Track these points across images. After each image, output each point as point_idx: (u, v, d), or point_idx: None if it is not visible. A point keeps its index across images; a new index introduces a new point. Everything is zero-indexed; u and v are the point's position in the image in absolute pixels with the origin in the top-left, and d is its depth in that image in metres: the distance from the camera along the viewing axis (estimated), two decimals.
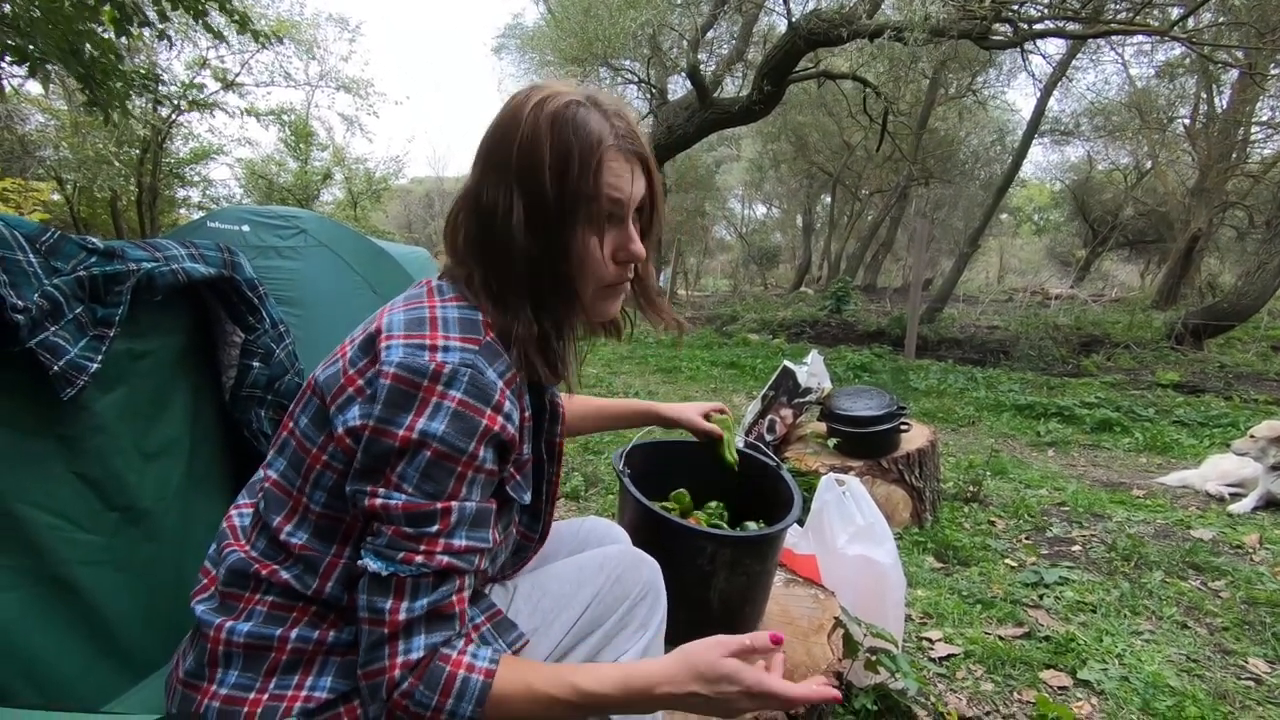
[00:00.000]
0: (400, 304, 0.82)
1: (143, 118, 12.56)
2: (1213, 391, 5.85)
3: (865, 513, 1.72)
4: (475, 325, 0.79)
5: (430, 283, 0.85)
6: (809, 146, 16.54)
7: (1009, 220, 23.49)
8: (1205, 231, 10.32)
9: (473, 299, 0.82)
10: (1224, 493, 3.39)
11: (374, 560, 0.74)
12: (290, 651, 0.80)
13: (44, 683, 1.03)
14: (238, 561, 0.83)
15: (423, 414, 0.72)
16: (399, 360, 0.74)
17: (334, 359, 0.82)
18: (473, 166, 0.85)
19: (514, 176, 0.79)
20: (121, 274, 1.04)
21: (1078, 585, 2.35)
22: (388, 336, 0.76)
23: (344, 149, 20.36)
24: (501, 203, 0.80)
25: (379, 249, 3.46)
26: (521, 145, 0.79)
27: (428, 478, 0.73)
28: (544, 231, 0.81)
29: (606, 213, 0.83)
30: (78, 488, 1.07)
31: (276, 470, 0.85)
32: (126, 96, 4.47)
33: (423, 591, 0.74)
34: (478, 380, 0.75)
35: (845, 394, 2.97)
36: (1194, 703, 1.69)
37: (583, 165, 0.79)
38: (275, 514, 0.83)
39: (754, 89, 8.77)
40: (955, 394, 5.95)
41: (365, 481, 0.75)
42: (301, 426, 0.83)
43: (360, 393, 0.76)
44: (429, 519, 0.74)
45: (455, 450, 0.73)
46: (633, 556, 1.02)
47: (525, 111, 0.80)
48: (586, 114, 0.80)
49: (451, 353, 0.75)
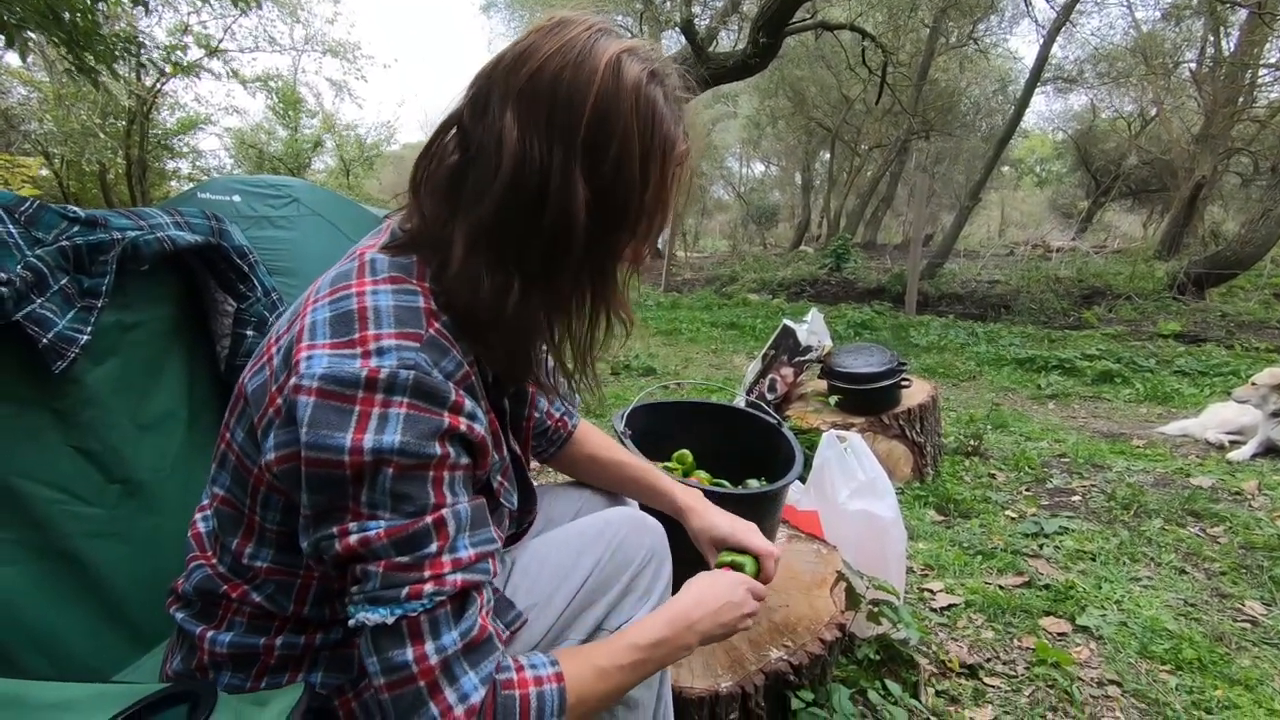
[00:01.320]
0: (326, 292, 0.67)
1: (127, 86, 12.30)
2: (1214, 341, 5.84)
3: (866, 468, 1.73)
4: (415, 315, 0.65)
5: (364, 254, 0.71)
6: (807, 101, 16.21)
7: (1010, 173, 23.15)
8: (1209, 179, 10.17)
9: (418, 267, 0.69)
10: (1224, 440, 3.41)
11: (371, 611, 0.62)
12: (278, 657, 0.76)
13: (54, 654, 1.04)
14: (205, 580, 0.77)
15: (366, 428, 0.60)
16: (322, 372, 0.60)
17: (260, 362, 0.71)
18: (491, 98, 0.67)
19: (581, 147, 0.65)
20: (105, 243, 1.02)
21: (1077, 534, 2.37)
22: (309, 345, 0.63)
23: (334, 115, 20.01)
24: (555, 168, 0.65)
25: (373, 216, 3.42)
26: (599, 116, 0.65)
27: (402, 496, 0.61)
28: (604, 224, 0.68)
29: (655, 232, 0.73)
30: (77, 461, 1.07)
31: (222, 486, 0.75)
32: (112, 59, 4.37)
33: (445, 624, 0.63)
34: (424, 383, 0.62)
35: (846, 351, 2.96)
36: (1191, 645, 1.72)
37: (662, 174, 0.70)
38: (231, 535, 0.75)
39: (749, 42, 8.55)
40: (956, 349, 5.95)
41: (325, 524, 0.62)
42: (239, 441, 0.73)
43: (279, 414, 0.64)
44: (423, 538, 0.62)
45: (421, 457, 0.61)
46: (635, 520, 0.98)
47: (599, 67, 0.65)
48: (658, 94, 0.68)
49: (387, 355, 0.61)
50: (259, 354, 0.72)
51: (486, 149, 0.66)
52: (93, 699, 0.70)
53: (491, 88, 0.67)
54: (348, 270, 0.69)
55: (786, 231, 21.20)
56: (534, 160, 0.64)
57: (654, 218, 0.72)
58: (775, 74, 14.28)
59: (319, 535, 0.63)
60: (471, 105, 0.69)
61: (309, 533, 0.64)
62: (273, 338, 0.71)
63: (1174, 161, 12.49)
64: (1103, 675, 1.64)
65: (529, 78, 0.65)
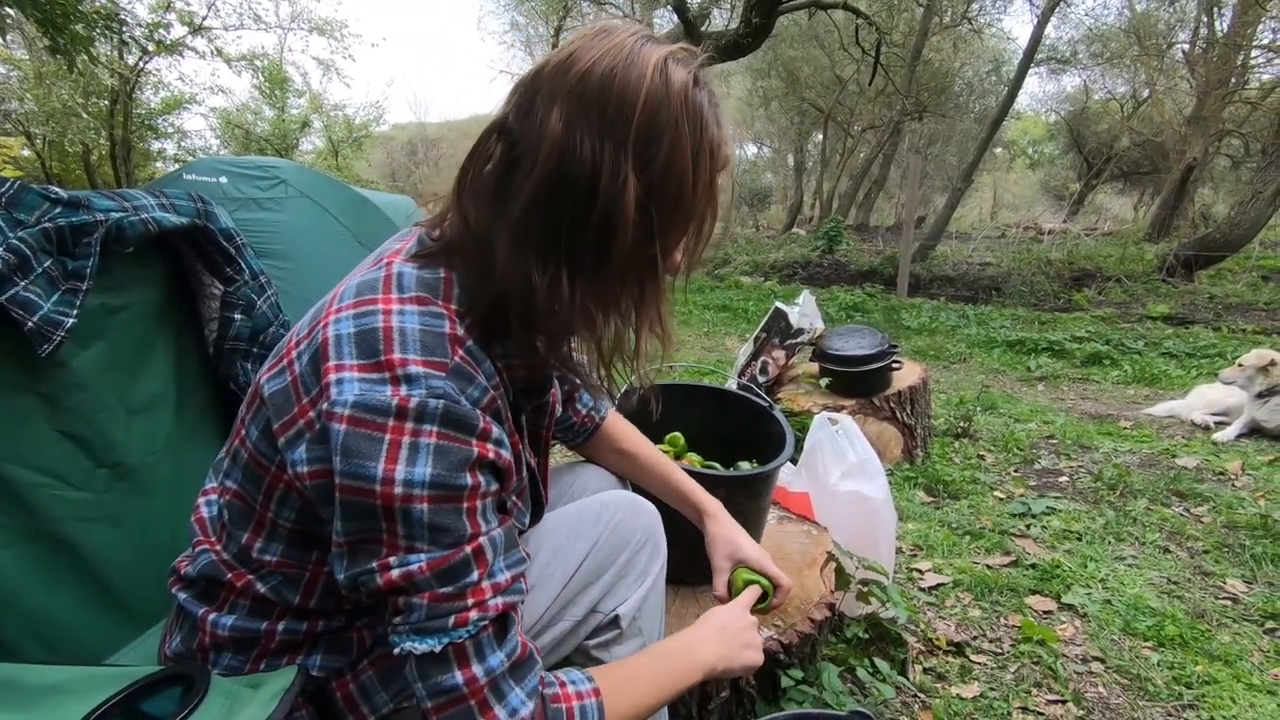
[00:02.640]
0: (350, 302, 0.67)
1: (109, 65, 12.07)
2: (1202, 323, 5.89)
3: (857, 450, 1.74)
4: (440, 341, 0.65)
5: (391, 263, 0.70)
6: (800, 82, 16.09)
7: (1003, 154, 23.13)
8: (1200, 161, 10.20)
9: (445, 286, 0.69)
10: (1209, 422, 3.45)
11: (418, 641, 0.64)
12: (279, 641, 0.77)
13: (48, 637, 1.05)
14: (209, 566, 0.77)
15: (397, 459, 0.61)
16: (353, 400, 0.61)
17: (280, 364, 0.70)
18: (537, 99, 0.67)
19: (632, 142, 0.65)
20: (89, 225, 1.01)
21: (1064, 514, 2.41)
22: (337, 365, 0.63)
23: (321, 95, 19.74)
24: (605, 163, 0.64)
25: (362, 198, 3.38)
26: (650, 115, 0.65)
27: (438, 529, 0.63)
28: (656, 219, 0.68)
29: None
30: (64, 445, 1.06)
31: (234, 481, 0.76)
32: (90, 40, 4.29)
33: (490, 646, 0.66)
34: (453, 412, 0.63)
35: (837, 334, 2.97)
36: (1173, 622, 1.75)
37: (711, 175, 0.70)
38: (241, 529, 0.75)
39: (742, 21, 8.47)
40: (947, 331, 5.97)
41: (363, 560, 0.64)
42: (253, 439, 0.73)
43: (310, 428, 0.65)
44: (465, 569, 0.64)
45: (453, 489, 0.63)
46: (630, 503, 0.99)
47: (648, 69, 0.65)
48: (704, 99, 0.69)
49: (416, 384, 0.62)
50: (278, 355, 0.72)
51: (533, 149, 0.65)
52: (87, 681, 0.70)
53: (537, 90, 0.67)
54: (374, 281, 0.68)
55: (779, 213, 21.12)
56: (584, 158, 0.64)
57: (703, 219, 0.72)
58: (768, 54, 14.16)
59: (357, 570, 0.64)
60: (517, 109, 0.68)
61: (344, 564, 0.65)
62: (292, 340, 0.71)
63: (1166, 143, 12.50)
64: (1087, 652, 1.68)
65: (579, 79, 0.65)
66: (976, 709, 1.48)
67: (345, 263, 0.94)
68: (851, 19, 10.23)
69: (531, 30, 15.51)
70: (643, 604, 0.96)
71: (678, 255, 0.74)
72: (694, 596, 1.38)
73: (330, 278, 0.82)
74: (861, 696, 1.42)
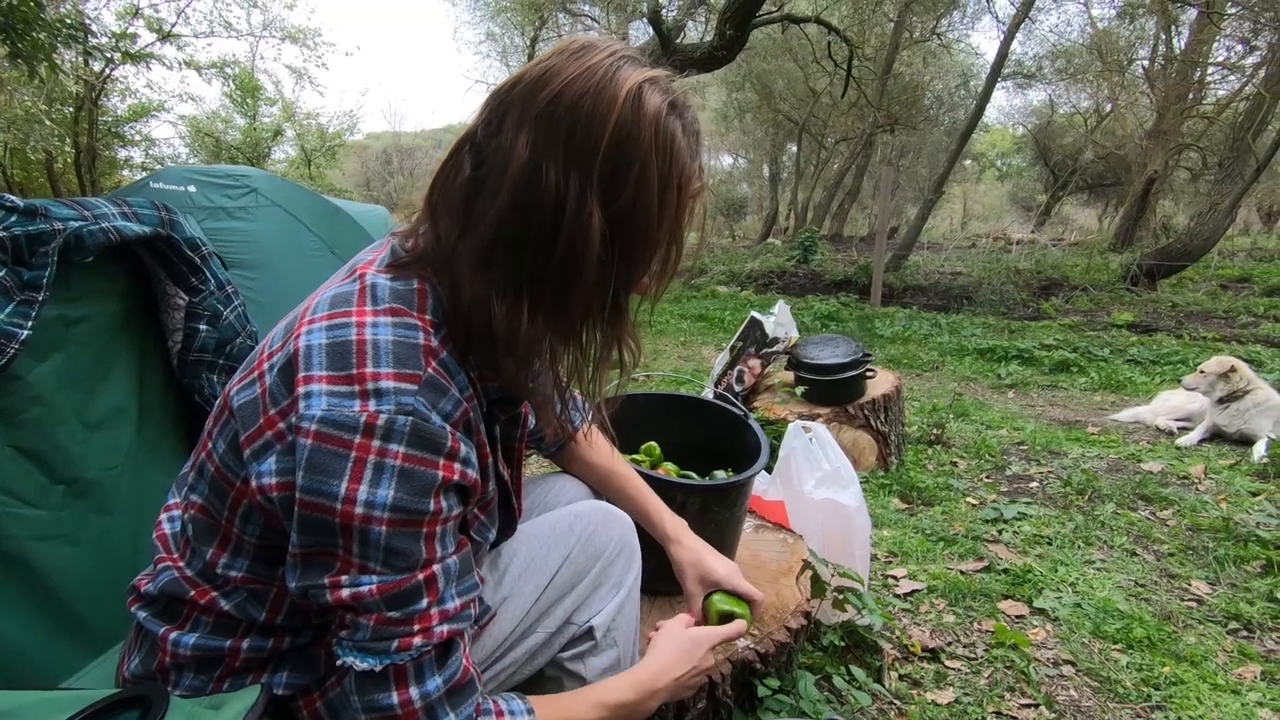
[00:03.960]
0: (324, 314, 0.65)
1: (73, 72, 11.82)
2: (1164, 330, 6.05)
3: (832, 458, 1.75)
4: (414, 352, 0.64)
5: (365, 274, 0.69)
6: (774, 94, 16.29)
7: (972, 166, 23.62)
8: (1161, 173, 10.51)
9: (419, 297, 0.68)
10: (1173, 427, 3.53)
11: (360, 658, 0.64)
12: (244, 660, 0.75)
13: (2, 660, 1.00)
14: (171, 583, 0.75)
15: (361, 479, 0.60)
16: (321, 414, 0.60)
17: (251, 375, 0.69)
18: (507, 117, 0.65)
19: (598, 174, 0.64)
20: (46, 234, 0.98)
21: (1035, 520, 2.44)
22: (306, 377, 0.62)
23: (294, 104, 19.54)
24: (571, 194, 0.63)
25: (335, 208, 3.34)
26: (618, 145, 0.64)
27: (393, 552, 0.62)
28: (619, 254, 0.67)
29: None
30: (19, 461, 1.03)
31: (200, 495, 0.74)
32: (53, 49, 4.19)
33: (430, 670, 0.65)
34: (421, 430, 0.62)
35: (812, 343, 2.99)
36: (1141, 624, 1.78)
37: (679, 207, 0.69)
38: (206, 545, 0.73)
39: (716, 34, 8.56)
40: (920, 340, 6.06)
41: (315, 574, 0.63)
42: (220, 453, 0.71)
43: (280, 439, 0.64)
44: (414, 595, 0.64)
45: (413, 514, 0.62)
46: (604, 513, 0.98)
47: (619, 96, 0.64)
48: (677, 127, 0.67)
49: (385, 399, 0.61)
50: (248, 366, 0.70)
51: (499, 171, 0.65)
52: (41, 706, 0.67)
53: (509, 108, 0.66)
54: (348, 294, 0.67)
55: (754, 224, 21.31)
56: (549, 187, 0.63)
57: (669, 250, 0.72)
58: (742, 66, 14.30)
59: (309, 583, 0.64)
60: (486, 124, 0.67)
61: (296, 575, 0.65)
62: (264, 351, 0.69)
63: (1128, 156, 12.87)
64: (1058, 655, 1.70)
65: (547, 102, 0.64)
66: (951, 715, 1.49)
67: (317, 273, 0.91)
68: (824, 33, 10.39)
69: (507, 40, 15.52)
70: (618, 614, 0.95)
71: (644, 281, 0.74)
72: (669, 605, 1.37)
73: (302, 287, 0.80)
74: (838, 704, 1.43)
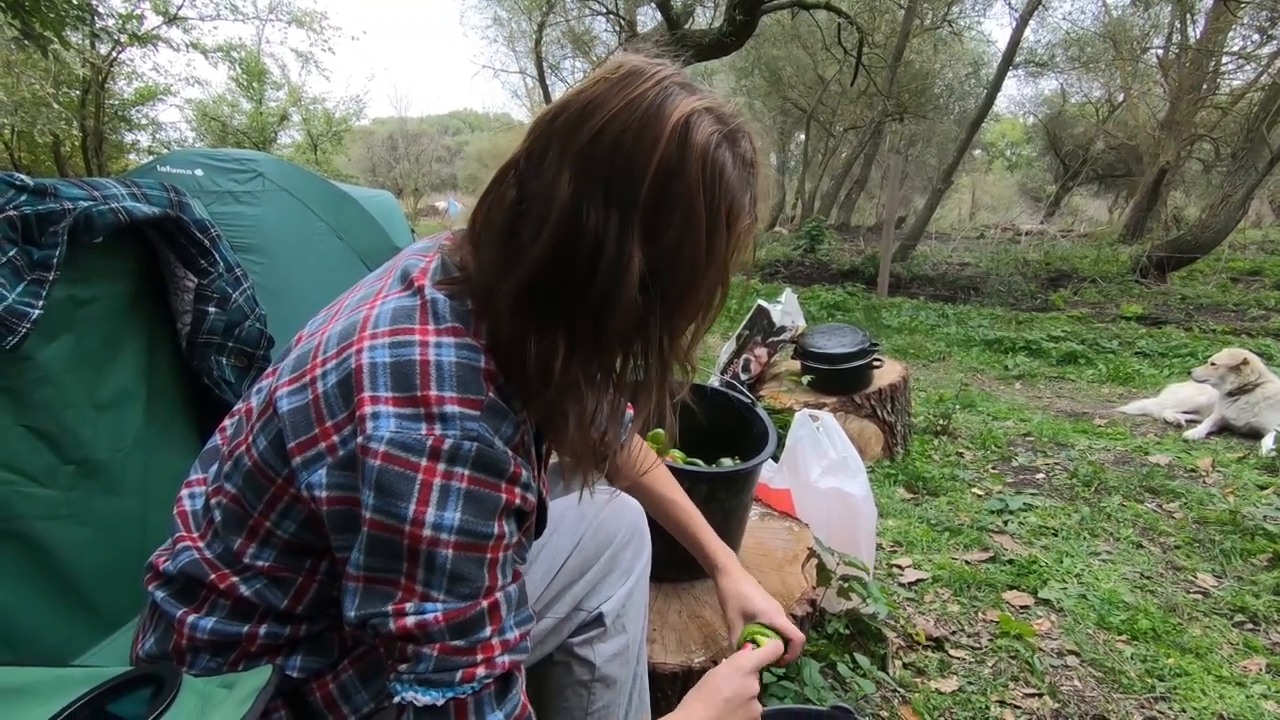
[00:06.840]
0: (385, 329, 0.64)
1: (81, 55, 11.79)
2: (1174, 323, 6.00)
3: (838, 447, 1.75)
4: (475, 375, 0.63)
5: (424, 289, 0.67)
6: (783, 81, 16.16)
7: (982, 156, 23.44)
8: (1173, 164, 10.39)
9: (475, 321, 0.66)
10: (1181, 419, 3.52)
11: (421, 692, 0.62)
12: (260, 645, 0.74)
13: (13, 638, 1.02)
14: (191, 564, 0.74)
15: (428, 500, 0.60)
16: (390, 436, 0.60)
17: (302, 379, 0.67)
18: (549, 152, 0.63)
19: (640, 215, 0.61)
20: (56, 213, 0.98)
21: (1040, 511, 2.44)
22: (373, 398, 0.61)
23: (300, 88, 19.46)
24: (610, 236, 0.61)
25: (342, 193, 3.32)
26: (661, 185, 0.61)
27: (459, 578, 0.61)
28: (660, 296, 0.64)
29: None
30: (29, 441, 1.03)
31: (234, 485, 0.72)
32: (62, 26, 4.18)
33: (489, 705, 0.64)
34: (485, 455, 0.62)
35: (819, 332, 2.98)
36: (1146, 616, 1.78)
37: (727, 248, 0.66)
38: (234, 535, 0.72)
39: (726, 20, 8.47)
40: (927, 330, 6.03)
41: (378, 602, 0.62)
42: (260, 449, 0.69)
43: (332, 452, 0.63)
44: (478, 623, 0.63)
45: (478, 538, 0.62)
46: (614, 499, 0.99)
47: (665, 131, 0.61)
48: (726, 159, 0.64)
49: (451, 423, 0.61)
50: (299, 369, 0.69)
51: (541, 210, 0.62)
52: (53, 683, 0.68)
53: (551, 140, 0.63)
54: (409, 309, 0.66)
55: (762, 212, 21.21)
56: (589, 229, 0.61)
57: (714, 294, 0.69)
58: (751, 53, 14.21)
59: (371, 611, 0.62)
60: (529, 154, 0.65)
61: (356, 601, 0.63)
62: (318, 358, 0.67)
63: (1140, 147, 12.73)
64: (1062, 646, 1.70)
65: (590, 139, 0.61)
66: (955, 703, 1.49)
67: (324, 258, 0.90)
68: (834, 19, 10.27)
69: (514, 25, 15.42)
70: (627, 601, 0.95)
71: (687, 336, 0.70)
72: (675, 593, 1.37)
73: (309, 273, 0.79)
74: (842, 692, 1.43)
